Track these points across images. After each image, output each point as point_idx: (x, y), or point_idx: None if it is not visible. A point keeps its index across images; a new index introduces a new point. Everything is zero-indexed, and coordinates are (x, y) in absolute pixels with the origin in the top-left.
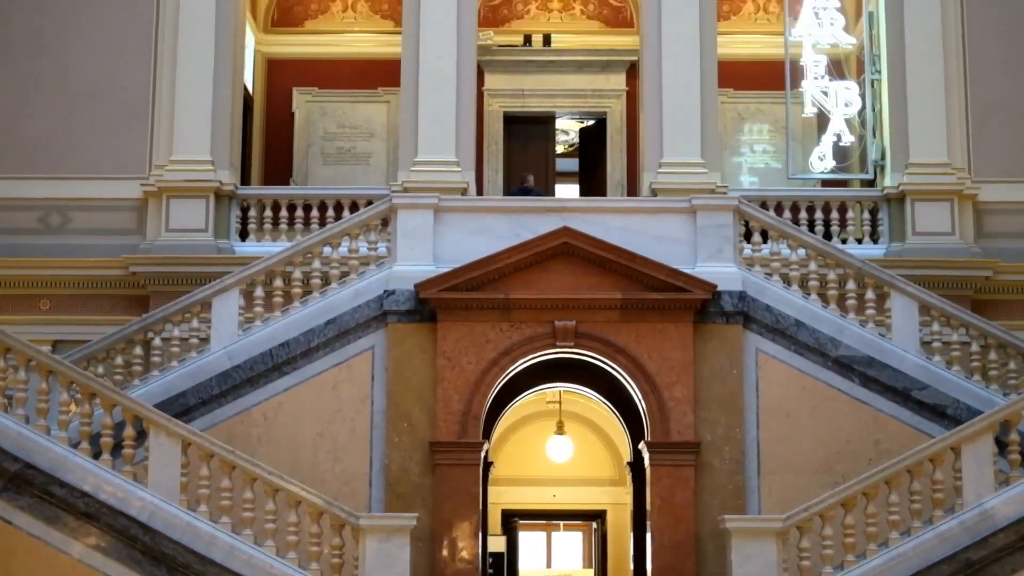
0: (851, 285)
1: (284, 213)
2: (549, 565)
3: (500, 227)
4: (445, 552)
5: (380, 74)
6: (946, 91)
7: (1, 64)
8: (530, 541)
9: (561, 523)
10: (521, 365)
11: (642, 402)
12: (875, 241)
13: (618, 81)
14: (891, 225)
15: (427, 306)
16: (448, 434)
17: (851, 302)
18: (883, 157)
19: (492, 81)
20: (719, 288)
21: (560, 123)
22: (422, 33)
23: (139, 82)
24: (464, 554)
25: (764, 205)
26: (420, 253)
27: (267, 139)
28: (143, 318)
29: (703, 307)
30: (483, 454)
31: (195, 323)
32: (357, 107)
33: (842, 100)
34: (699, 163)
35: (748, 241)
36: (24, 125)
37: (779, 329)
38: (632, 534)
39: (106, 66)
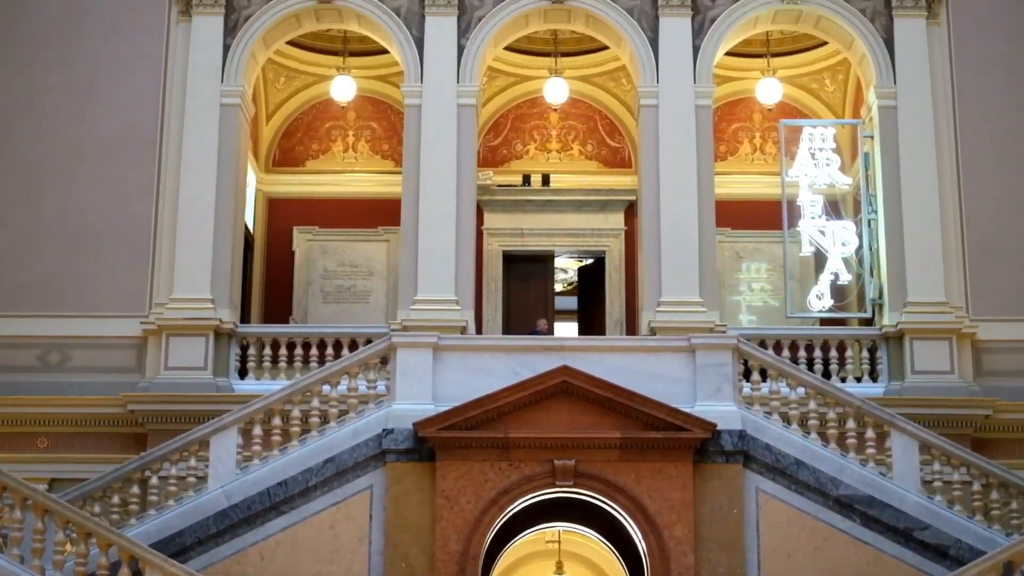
0: (851, 424)
1: (283, 351)
2: None
3: (499, 366)
4: None
5: (380, 213)
6: (942, 230)
7: (6, 204)
8: None
9: None
10: (520, 504)
11: (642, 542)
12: (874, 380)
13: (617, 220)
14: (890, 364)
15: (426, 445)
16: (446, 575)
17: (851, 441)
18: (881, 296)
19: (491, 220)
20: (719, 427)
21: (559, 262)
22: (422, 173)
23: (141, 221)
24: None
25: (763, 344)
26: (419, 392)
27: (267, 277)
28: (141, 457)
29: (703, 446)
30: None
31: (193, 462)
32: (357, 246)
33: (839, 239)
34: (698, 302)
35: (747, 380)
36: (26, 264)
37: (779, 468)
38: None
39: (109, 205)
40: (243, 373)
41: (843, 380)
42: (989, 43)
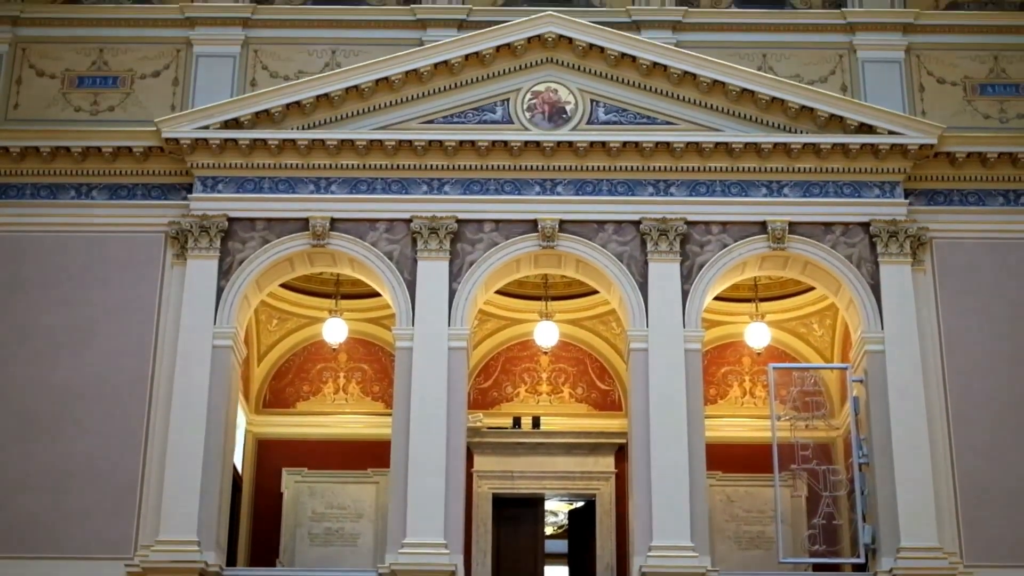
0: None
1: None
2: None
3: None
4: None
5: (370, 455)
6: (934, 475)
7: None
8: None
9: None
10: None
11: None
12: None
13: (607, 463)
14: None
15: None
16: None
17: None
18: (874, 540)
19: (481, 463)
20: None
21: (549, 505)
22: (412, 415)
23: (129, 462)
24: None
25: None
26: None
27: (255, 519)
28: None
29: None
30: None
31: None
32: (347, 488)
33: (831, 483)
34: (689, 546)
35: None
36: (10, 504)
37: None
38: None
39: (97, 446)
40: None
41: None
42: (974, 289)
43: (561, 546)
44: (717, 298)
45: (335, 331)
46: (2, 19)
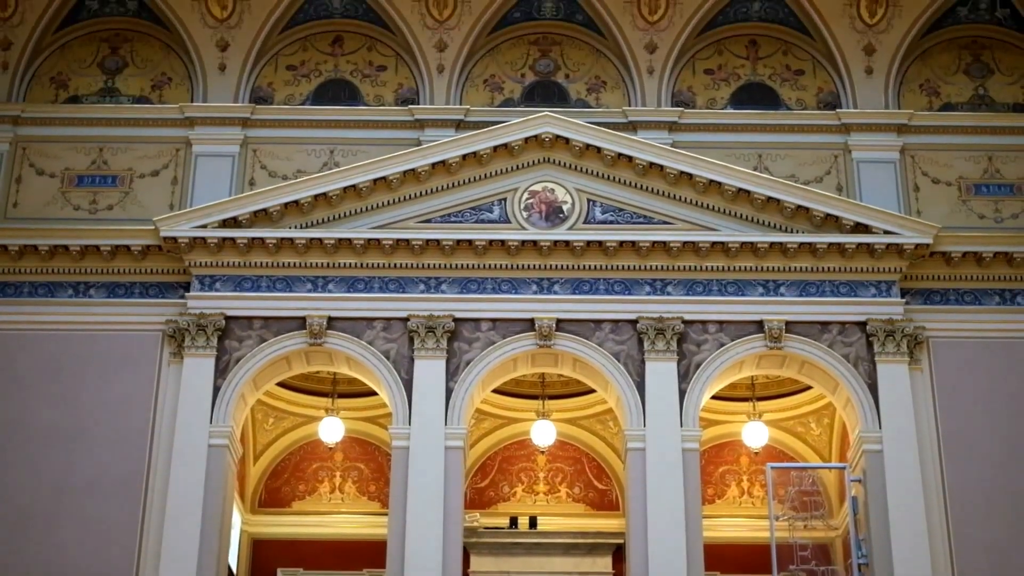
0: None
1: None
2: None
3: None
4: None
5: (366, 555)
6: (934, 574)
7: None
8: None
9: None
10: None
11: None
12: None
13: (605, 564)
14: None
15: None
16: None
17: None
18: None
19: (478, 563)
20: None
21: None
22: (408, 515)
23: (124, 561)
24: None
25: None
26: None
27: None
28: None
29: None
30: None
31: None
32: None
33: None
34: None
35: None
36: None
37: None
38: None
39: (91, 545)
40: None
41: None
42: (971, 388)
43: None
44: (714, 397)
45: (331, 430)
46: (3, 118)
